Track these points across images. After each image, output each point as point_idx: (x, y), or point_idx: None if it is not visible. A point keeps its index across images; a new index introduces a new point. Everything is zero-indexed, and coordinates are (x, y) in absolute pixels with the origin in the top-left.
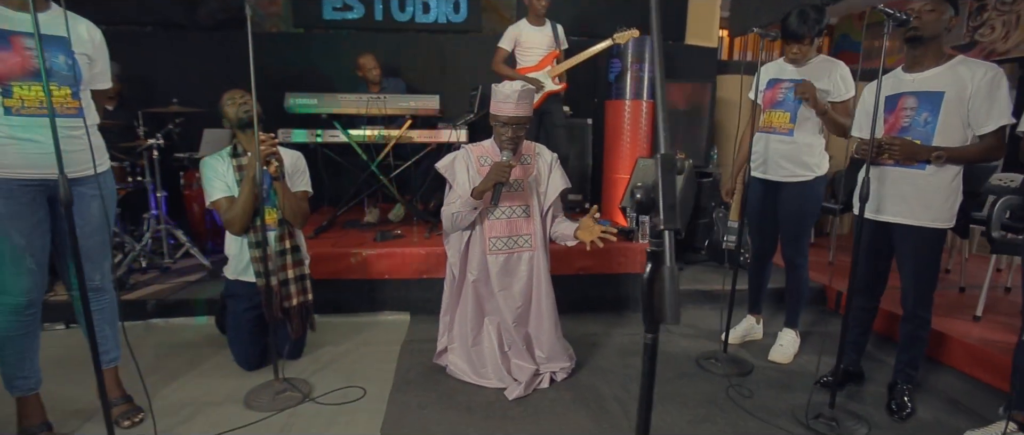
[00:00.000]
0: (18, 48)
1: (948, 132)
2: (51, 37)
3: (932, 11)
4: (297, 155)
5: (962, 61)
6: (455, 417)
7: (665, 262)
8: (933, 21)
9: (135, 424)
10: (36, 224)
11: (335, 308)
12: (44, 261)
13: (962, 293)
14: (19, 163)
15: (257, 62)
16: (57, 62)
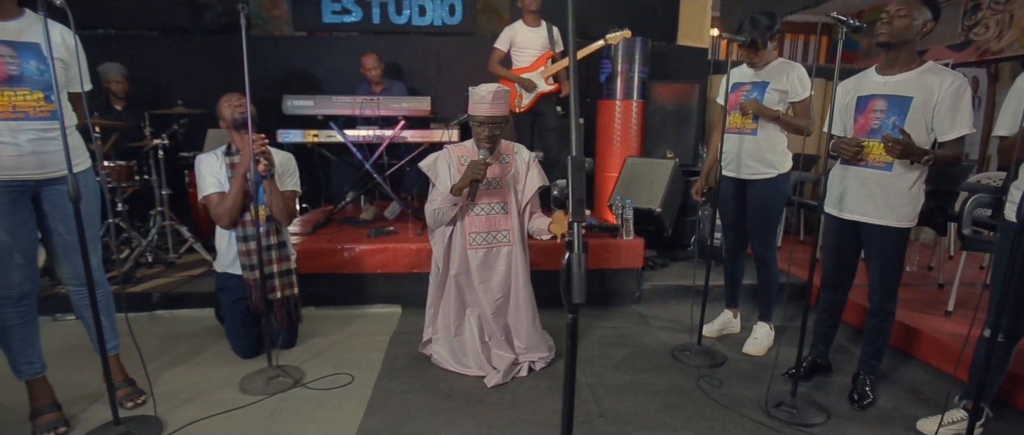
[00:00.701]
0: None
1: (914, 136)
2: (24, 43)
3: (904, 16)
4: (288, 156)
5: (931, 68)
6: (436, 402)
7: (574, 250)
8: (904, 26)
9: (137, 405)
10: (20, 222)
11: (330, 301)
12: (33, 256)
13: (940, 289)
14: (8, 163)
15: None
16: (29, 68)
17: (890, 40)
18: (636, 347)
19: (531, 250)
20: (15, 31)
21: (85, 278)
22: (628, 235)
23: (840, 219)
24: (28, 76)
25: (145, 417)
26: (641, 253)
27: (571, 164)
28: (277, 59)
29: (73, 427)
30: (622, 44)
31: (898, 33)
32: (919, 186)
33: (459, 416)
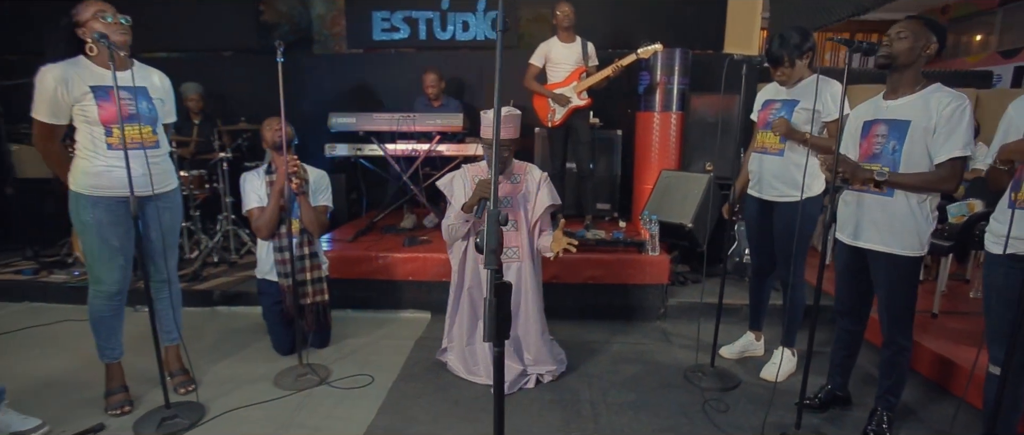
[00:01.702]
0: (115, 99)
1: (913, 161)
2: (137, 88)
3: (904, 38)
4: (321, 174)
5: (937, 89)
6: (442, 407)
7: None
8: (905, 49)
9: (188, 392)
10: (126, 231)
11: (365, 304)
12: (131, 259)
13: None
14: (119, 184)
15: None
16: (142, 107)
17: (889, 62)
18: (649, 365)
19: (553, 265)
20: (130, 78)
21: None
22: (654, 251)
23: (848, 245)
24: (141, 114)
25: (191, 403)
26: (666, 269)
27: (487, 218)
28: (338, 75)
29: (136, 407)
30: (661, 55)
31: (897, 56)
32: (924, 212)
33: (460, 422)
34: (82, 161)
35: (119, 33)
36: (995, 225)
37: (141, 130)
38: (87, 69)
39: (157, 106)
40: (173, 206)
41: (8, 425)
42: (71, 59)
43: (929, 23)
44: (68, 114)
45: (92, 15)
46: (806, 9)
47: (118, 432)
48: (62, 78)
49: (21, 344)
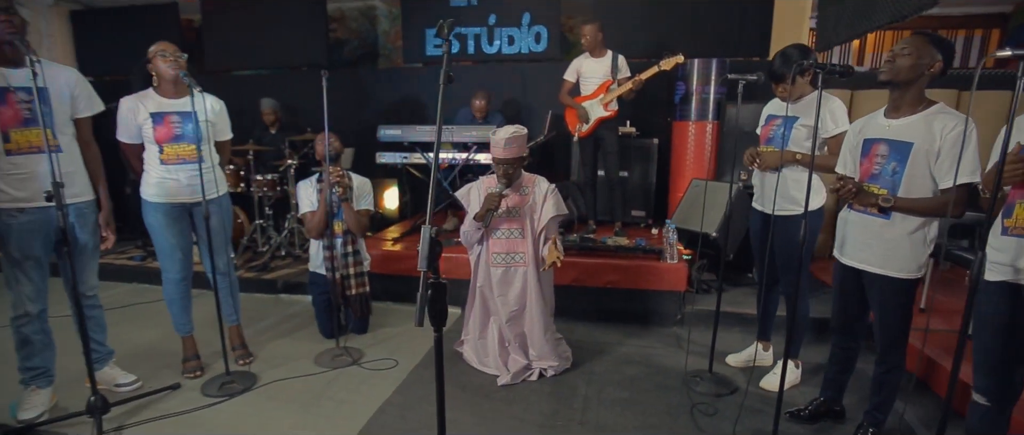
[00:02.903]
0: (167, 123)
1: (914, 184)
2: (185, 112)
3: (908, 54)
4: (364, 181)
5: (940, 110)
6: (450, 392)
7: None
8: (908, 66)
9: (246, 364)
10: (181, 230)
11: (403, 298)
12: (189, 252)
13: None
14: (174, 192)
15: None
16: (187, 129)
17: (891, 79)
18: (652, 367)
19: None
20: (183, 104)
21: (224, 269)
22: (672, 259)
23: (844, 264)
24: (186, 134)
25: (247, 372)
26: (684, 277)
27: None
28: (397, 87)
29: (205, 372)
30: (697, 65)
31: (900, 73)
32: (921, 236)
33: (463, 405)
34: (146, 174)
35: (174, 67)
36: (991, 251)
37: (185, 147)
38: (151, 99)
39: (205, 128)
40: (222, 210)
41: (114, 378)
42: (142, 92)
43: (934, 40)
44: (139, 135)
45: (156, 53)
46: (851, 14)
47: (190, 391)
48: (132, 107)
49: (128, 318)
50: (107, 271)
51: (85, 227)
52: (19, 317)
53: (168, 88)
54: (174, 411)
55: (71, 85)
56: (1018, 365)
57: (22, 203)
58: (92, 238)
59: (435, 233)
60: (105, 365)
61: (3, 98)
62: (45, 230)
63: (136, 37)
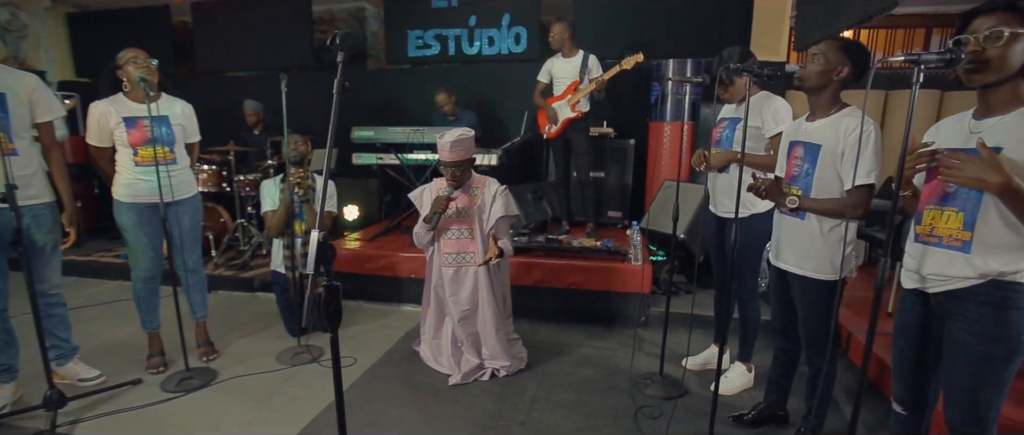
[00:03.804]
0: (140, 126)
1: (825, 185)
2: (160, 117)
3: (815, 61)
4: (328, 182)
5: (849, 113)
6: (402, 390)
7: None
8: (815, 72)
9: (210, 360)
10: (154, 230)
11: (374, 297)
12: (160, 251)
13: None
14: (145, 193)
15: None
16: (160, 132)
17: (801, 83)
18: (606, 369)
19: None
20: (157, 109)
21: (193, 267)
22: (636, 260)
23: (774, 266)
24: (161, 137)
25: (207, 368)
26: (649, 279)
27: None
28: (382, 88)
29: (168, 368)
30: (672, 66)
31: (809, 77)
32: (836, 237)
33: (411, 402)
34: (119, 175)
35: (147, 73)
36: (906, 258)
37: (159, 150)
38: (123, 104)
39: (177, 131)
40: (192, 210)
41: (77, 373)
42: (112, 96)
43: (846, 47)
44: (110, 139)
45: (127, 60)
46: (825, 14)
47: (151, 386)
48: (103, 111)
49: (104, 314)
50: (92, 269)
51: (41, 228)
52: None
53: (139, 93)
54: (130, 406)
55: (29, 91)
56: (933, 374)
57: None
58: (51, 238)
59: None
60: (69, 361)
61: None
62: (1, 231)
63: (130, 39)
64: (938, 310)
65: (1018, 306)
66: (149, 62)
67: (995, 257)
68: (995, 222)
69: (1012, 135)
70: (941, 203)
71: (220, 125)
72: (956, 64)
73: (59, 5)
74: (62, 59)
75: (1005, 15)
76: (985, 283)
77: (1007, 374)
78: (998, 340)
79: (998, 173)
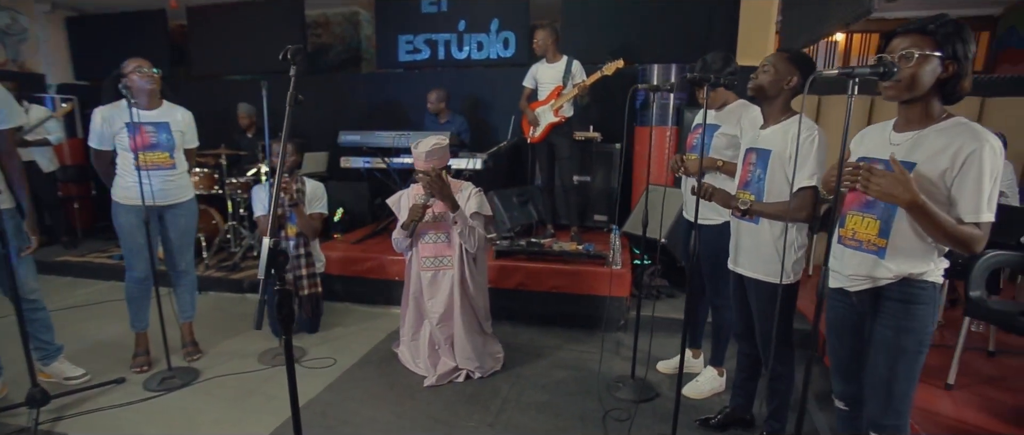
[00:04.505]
0: (142, 132)
1: (775, 190)
2: (160, 123)
3: (767, 72)
4: (317, 185)
5: (794, 120)
6: (378, 391)
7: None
8: (767, 82)
9: (194, 360)
10: (151, 231)
11: (361, 299)
12: (155, 253)
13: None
14: (140, 197)
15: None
16: (161, 138)
17: (753, 94)
18: (580, 372)
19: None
20: (157, 115)
21: (185, 268)
22: (616, 264)
23: (732, 271)
24: (161, 143)
25: (189, 368)
26: (627, 283)
27: (264, 243)
28: (373, 92)
29: (152, 368)
30: (657, 71)
31: (761, 87)
32: (786, 242)
33: (386, 404)
34: (119, 178)
35: (149, 82)
36: (831, 259)
37: (159, 155)
38: (124, 110)
39: (176, 137)
40: (187, 214)
41: (62, 372)
42: (114, 102)
43: (794, 58)
44: (111, 143)
45: (132, 70)
46: (810, 19)
47: (134, 385)
48: (107, 117)
49: (94, 314)
50: (87, 269)
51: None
52: None
53: (142, 100)
54: (112, 404)
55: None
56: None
57: None
58: (17, 244)
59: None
60: (54, 360)
61: None
62: None
63: (128, 42)
64: (860, 307)
65: (923, 301)
66: (152, 71)
67: (906, 260)
68: (906, 230)
69: (923, 151)
70: (862, 209)
71: (213, 128)
72: (888, 77)
73: (58, 9)
74: (61, 62)
75: (917, 37)
76: (897, 281)
77: (918, 365)
78: (909, 332)
79: (907, 190)
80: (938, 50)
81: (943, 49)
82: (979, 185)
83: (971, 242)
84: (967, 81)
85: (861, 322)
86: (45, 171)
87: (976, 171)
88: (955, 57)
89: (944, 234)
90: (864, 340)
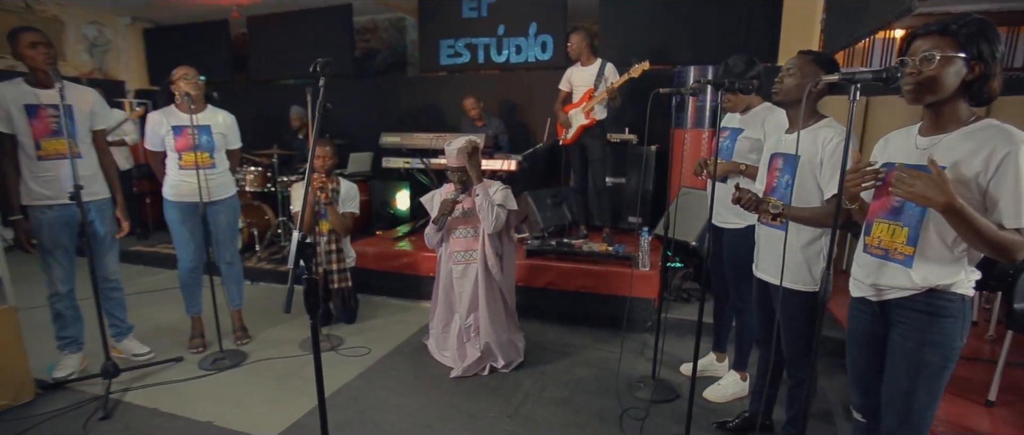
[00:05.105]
0: (185, 134)
1: (804, 196)
2: (202, 126)
3: (792, 74)
4: (351, 186)
5: (826, 125)
6: (406, 380)
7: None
8: (793, 86)
9: (243, 344)
10: (195, 225)
11: (397, 293)
12: (201, 245)
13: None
14: (187, 193)
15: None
16: (203, 140)
17: (780, 99)
18: (602, 370)
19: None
20: (200, 119)
21: (230, 259)
22: (644, 266)
23: (756, 277)
24: (203, 144)
25: (239, 351)
26: (655, 285)
27: (294, 236)
28: (417, 94)
29: (207, 349)
30: (693, 73)
31: (787, 92)
32: (817, 249)
33: (413, 392)
34: (167, 176)
35: (194, 88)
36: (854, 267)
37: (201, 155)
38: (173, 114)
39: (218, 138)
40: (229, 209)
41: (131, 349)
42: (165, 108)
43: (818, 59)
44: (162, 144)
45: (179, 76)
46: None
47: (190, 364)
48: (157, 121)
49: (161, 299)
50: (155, 259)
51: (104, 220)
52: (53, 295)
53: (187, 105)
54: (171, 380)
55: (90, 103)
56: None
57: (50, 200)
58: (110, 229)
59: None
60: (125, 338)
61: (36, 113)
62: (70, 223)
63: (196, 50)
64: (884, 318)
65: (951, 314)
66: (198, 78)
67: (933, 270)
68: (934, 239)
69: (951, 155)
70: (889, 217)
71: (267, 130)
72: (891, 83)
73: (137, 21)
74: (139, 70)
75: (939, 39)
76: (923, 292)
77: (941, 380)
78: (934, 345)
79: (944, 192)
80: (961, 51)
81: (967, 49)
82: (1018, 189)
83: (1013, 249)
84: (996, 82)
85: (884, 333)
86: (122, 169)
87: (1013, 174)
88: (981, 57)
89: (983, 240)
90: (885, 352)
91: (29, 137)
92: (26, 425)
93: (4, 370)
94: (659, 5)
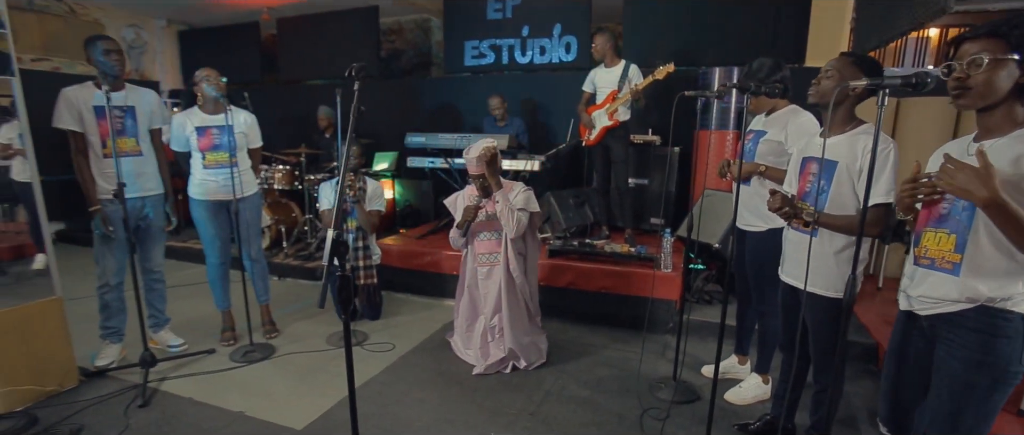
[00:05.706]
0: (208, 134)
1: (840, 202)
2: (224, 126)
3: (830, 77)
4: (377, 185)
5: (866, 130)
6: (428, 376)
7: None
8: (832, 88)
9: (271, 338)
10: (222, 223)
11: (421, 291)
12: (228, 241)
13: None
14: (212, 191)
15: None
16: (223, 140)
17: (817, 101)
18: (622, 371)
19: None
20: (219, 119)
21: (256, 256)
22: (666, 268)
23: (783, 281)
24: (222, 144)
25: (268, 345)
26: (677, 286)
27: (328, 235)
28: (441, 95)
29: (238, 341)
30: (718, 74)
31: (824, 94)
32: (848, 255)
33: (436, 388)
34: (191, 175)
35: (215, 90)
36: (903, 280)
37: (221, 155)
38: (196, 115)
39: (239, 139)
40: (252, 207)
41: (167, 340)
42: (189, 109)
43: (859, 61)
44: (187, 145)
45: (202, 78)
46: (879, 21)
47: (221, 356)
48: (181, 122)
49: (195, 293)
50: (188, 254)
51: (157, 214)
52: (103, 286)
53: (209, 106)
54: (204, 370)
55: (151, 104)
56: (915, 396)
57: (111, 194)
58: (161, 223)
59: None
60: (161, 329)
61: (104, 114)
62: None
63: (228, 51)
64: (929, 333)
65: (1007, 334)
66: (220, 79)
67: (985, 281)
68: (985, 245)
69: (1005, 156)
70: (935, 225)
71: (295, 129)
72: (921, 88)
73: (172, 24)
74: (173, 71)
75: (989, 41)
76: (974, 308)
77: (992, 403)
78: (983, 367)
79: (986, 186)
80: (1014, 52)
81: (1020, 50)
82: None
83: None
84: None
85: (926, 350)
86: None
87: None
88: None
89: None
90: (921, 368)
91: (97, 136)
92: (73, 410)
93: (52, 357)
94: (684, 6)
